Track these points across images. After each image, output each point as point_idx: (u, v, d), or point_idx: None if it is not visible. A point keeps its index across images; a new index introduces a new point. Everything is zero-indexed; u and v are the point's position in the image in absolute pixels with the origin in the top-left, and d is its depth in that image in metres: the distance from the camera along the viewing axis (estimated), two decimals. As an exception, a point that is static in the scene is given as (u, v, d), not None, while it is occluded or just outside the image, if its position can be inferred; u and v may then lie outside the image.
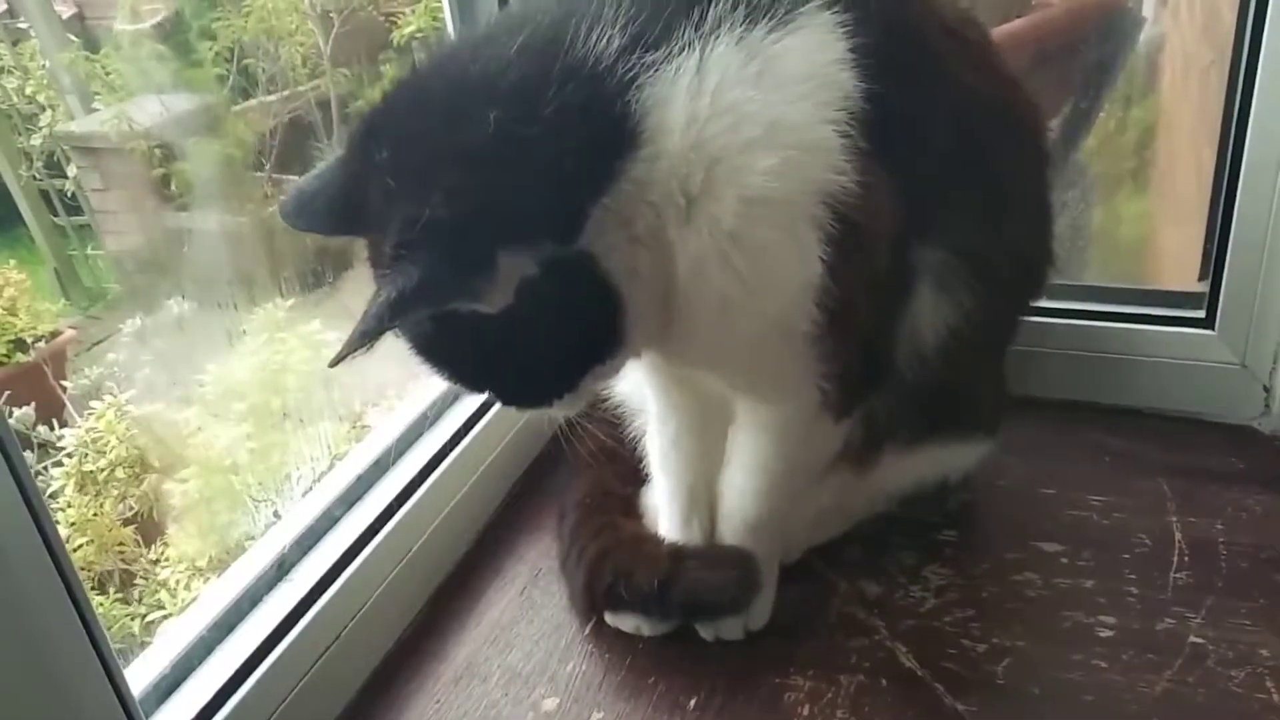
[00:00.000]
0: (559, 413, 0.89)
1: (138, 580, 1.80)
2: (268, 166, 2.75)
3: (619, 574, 1.01)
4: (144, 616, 1.70)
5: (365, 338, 0.70)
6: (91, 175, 2.69)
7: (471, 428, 1.20)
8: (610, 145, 0.74)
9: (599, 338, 0.80)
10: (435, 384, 1.22)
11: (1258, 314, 1.20)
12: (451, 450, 1.17)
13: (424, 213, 0.71)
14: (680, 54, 0.74)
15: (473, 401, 1.22)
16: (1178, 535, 1.11)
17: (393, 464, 1.14)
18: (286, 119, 2.79)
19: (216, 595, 0.95)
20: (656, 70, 0.74)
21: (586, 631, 1.05)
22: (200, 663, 0.90)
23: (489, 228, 0.72)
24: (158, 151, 2.54)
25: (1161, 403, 1.28)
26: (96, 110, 2.57)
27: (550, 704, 0.98)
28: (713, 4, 0.75)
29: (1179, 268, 1.46)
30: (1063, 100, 1.70)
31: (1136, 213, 1.67)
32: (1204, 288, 1.24)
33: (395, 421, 1.18)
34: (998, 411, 1.09)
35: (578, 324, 0.79)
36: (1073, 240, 1.69)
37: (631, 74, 0.73)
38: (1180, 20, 1.61)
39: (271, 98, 2.78)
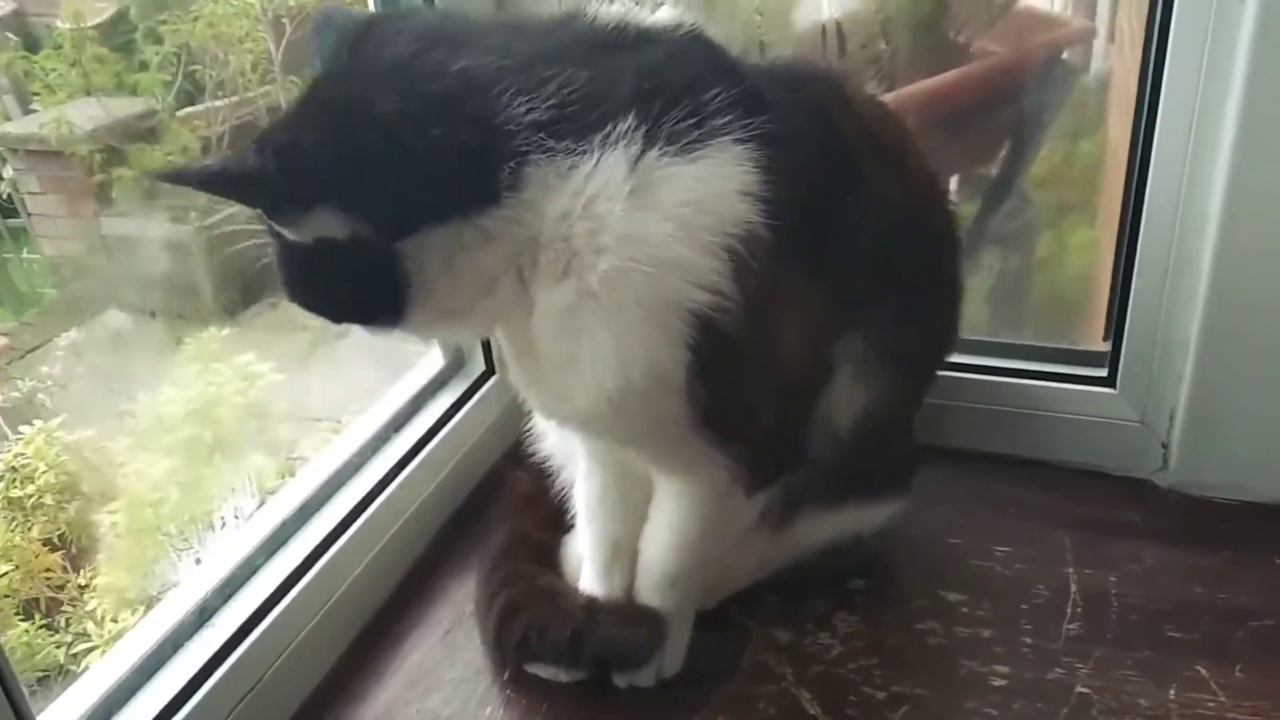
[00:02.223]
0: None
1: (65, 608, 1.79)
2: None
3: (531, 627, 1.04)
4: (69, 645, 1.69)
5: (179, 179, 0.81)
6: (28, 178, 2.63)
7: (401, 470, 1.22)
8: (470, 192, 0.78)
9: (377, 308, 0.84)
10: (364, 426, 1.25)
11: (1156, 374, 1.25)
12: (380, 493, 1.18)
13: (289, 139, 0.77)
14: (580, 155, 0.78)
15: (402, 445, 1.25)
16: (1073, 587, 1.15)
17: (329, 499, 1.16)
18: (234, 125, 2.76)
19: (138, 639, 0.96)
20: (551, 156, 0.78)
21: (505, 677, 1.08)
22: (120, 707, 0.92)
23: (327, 184, 0.77)
24: (98, 156, 2.50)
25: (1066, 456, 1.33)
26: (35, 111, 2.53)
27: (467, 749, 1.00)
28: (620, 120, 0.79)
29: (1087, 328, 1.51)
30: (1000, 144, 1.76)
31: (1082, 243, 1.72)
32: (1107, 347, 1.28)
33: (324, 464, 1.19)
34: (910, 471, 1.13)
35: (357, 289, 0.83)
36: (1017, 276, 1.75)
37: (526, 148, 0.78)
38: (1125, 57, 1.66)
39: (219, 103, 2.73)
